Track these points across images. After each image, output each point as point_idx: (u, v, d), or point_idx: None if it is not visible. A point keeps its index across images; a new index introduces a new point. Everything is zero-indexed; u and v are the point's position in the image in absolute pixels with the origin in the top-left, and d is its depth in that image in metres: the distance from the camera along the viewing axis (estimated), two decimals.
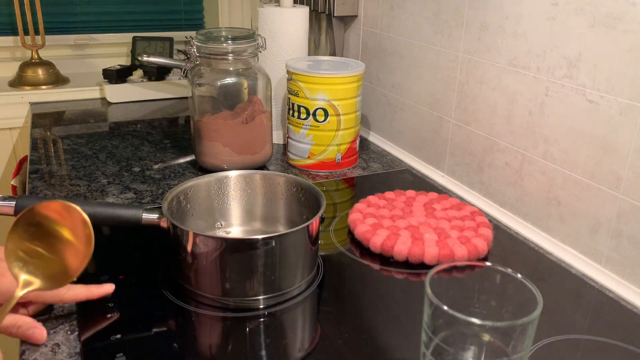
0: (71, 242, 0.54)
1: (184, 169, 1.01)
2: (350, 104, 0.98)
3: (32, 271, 0.53)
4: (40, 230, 0.54)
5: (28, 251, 0.53)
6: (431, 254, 0.70)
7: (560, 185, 0.76)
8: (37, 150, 1.08)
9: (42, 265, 0.53)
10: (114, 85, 1.40)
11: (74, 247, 0.54)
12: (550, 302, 0.64)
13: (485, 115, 0.87)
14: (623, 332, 0.60)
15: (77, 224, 0.54)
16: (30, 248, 0.53)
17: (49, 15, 1.53)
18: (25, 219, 0.53)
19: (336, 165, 1.02)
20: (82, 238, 0.53)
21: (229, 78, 0.93)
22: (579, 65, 0.70)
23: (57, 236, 0.54)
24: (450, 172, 0.98)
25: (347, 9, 1.17)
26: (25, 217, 0.53)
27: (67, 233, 0.54)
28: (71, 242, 0.54)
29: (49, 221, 0.54)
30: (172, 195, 0.68)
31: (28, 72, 1.43)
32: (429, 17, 0.96)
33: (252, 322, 0.60)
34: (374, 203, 0.83)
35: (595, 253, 0.72)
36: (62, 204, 0.54)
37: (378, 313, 0.62)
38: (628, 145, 0.66)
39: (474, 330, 0.45)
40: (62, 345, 0.56)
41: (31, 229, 0.53)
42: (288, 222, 0.75)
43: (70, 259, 0.53)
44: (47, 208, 0.54)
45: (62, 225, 0.54)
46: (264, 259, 0.60)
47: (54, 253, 0.54)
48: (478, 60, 0.87)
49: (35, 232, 0.53)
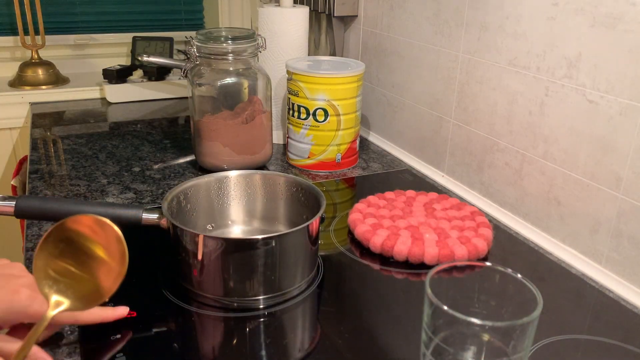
0: (104, 259, 0.51)
1: (184, 169, 1.01)
2: (350, 104, 0.98)
3: (62, 290, 0.50)
4: (70, 247, 0.50)
5: (58, 269, 0.50)
6: (431, 254, 0.70)
7: (560, 185, 0.76)
8: (37, 150, 1.08)
9: (72, 285, 0.50)
10: (114, 85, 1.40)
11: (107, 265, 0.50)
12: (550, 302, 0.64)
13: (485, 115, 0.87)
14: (623, 332, 0.60)
15: (110, 240, 0.51)
16: (60, 266, 0.50)
17: (49, 15, 1.53)
18: (55, 235, 0.50)
19: (336, 165, 1.02)
20: (115, 255, 0.50)
21: (229, 78, 0.93)
22: (579, 65, 0.70)
23: (88, 253, 0.51)
24: (450, 172, 0.98)
25: (347, 9, 1.17)
26: (55, 232, 0.50)
27: (99, 250, 0.51)
28: (104, 259, 0.51)
29: (80, 237, 0.51)
30: (172, 195, 0.68)
31: (28, 72, 1.43)
32: (429, 17, 0.96)
33: (252, 322, 0.60)
34: (374, 203, 0.83)
35: (595, 253, 0.72)
36: (94, 219, 0.51)
37: (378, 313, 0.62)
38: (628, 145, 0.66)
39: (474, 330, 0.45)
40: (62, 346, 0.56)
41: (61, 245, 0.50)
42: (288, 222, 0.75)
43: (102, 278, 0.50)
44: (79, 223, 0.51)
45: (94, 241, 0.51)
46: (264, 259, 0.60)
47: (86, 271, 0.51)
48: (478, 60, 0.87)
49: (66, 248, 0.50)
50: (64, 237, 0.50)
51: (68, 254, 0.51)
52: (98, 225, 0.51)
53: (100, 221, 0.51)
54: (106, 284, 0.50)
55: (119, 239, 0.51)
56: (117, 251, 0.51)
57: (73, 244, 0.51)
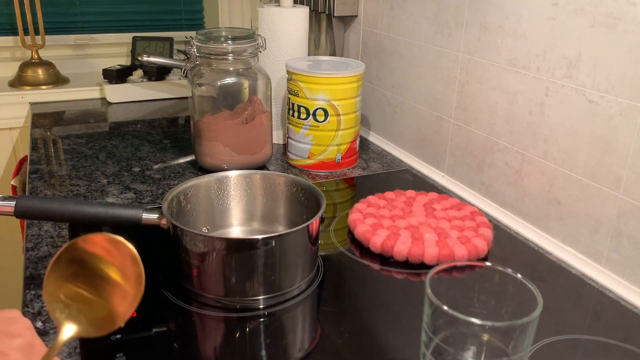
0: (118, 282, 0.47)
1: (184, 169, 1.01)
2: (350, 104, 0.98)
3: (74, 314, 0.46)
4: (83, 269, 0.47)
5: (69, 293, 0.47)
6: (431, 254, 0.70)
7: (560, 185, 0.76)
8: (37, 150, 1.08)
9: (85, 310, 0.47)
10: (114, 85, 1.40)
11: (122, 288, 0.47)
12: (550, 302, 0.64)
13: (485, 115, 0.87)
14: (623, 332, 0.60)
15: (125, 261, 0.47)
16: (72, 290, 0.47)
17: (49, 15, 1.53)
18: (66, 256, 0.47)
19: (336, 165, 1.02)
20: (131, 277, 0.47)
21: (229, 78, 0.93)
22: (579, 65, 0.70)
23: (102, 275, 0.47)
24: (450, 172, 0.98)
25: (347, 9, 1.17)
26: (66, 253, 0.47)
27: (114, 273, 0.47)
28: (118, 282, 0.47)
29: (93, 258, 0.48)
30: (172, 195, 0.68)
31: (28, 72, 1.43)
32: (429, 17, 0.96)
33: (252, 322, 0.60)
34: (374, 203, 0.83)
35: (595, 253, 0.72)
36: (108, 237, 0.47)
37: (378, 313, 0.62)
38: (628, 145, 0.66)
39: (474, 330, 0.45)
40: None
41: (73, 267, 0.47)
42: (288, 222, 0.75)
43: (117, 302, 0.47)
44: (91, 243, 0.47)
45: (109, 262, 0.48)
46: (264, 259, 0.60)
47: (99, 295, 0.47)
48: (478, 60, 0.87)
49: (78, 270, 0.47)
50: (76, 257, 0.47)
51: (80, 276, 0.48)
52: (112, 245, 0.48)
53: (114, 240, 0.48)
54: (121, 309, 0.47)
55: (134, 259, 0.47)
56: (132, 273, 0.47)
57: (85, 265, 0.48)
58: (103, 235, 0.47)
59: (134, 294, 0.47)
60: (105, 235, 0.47)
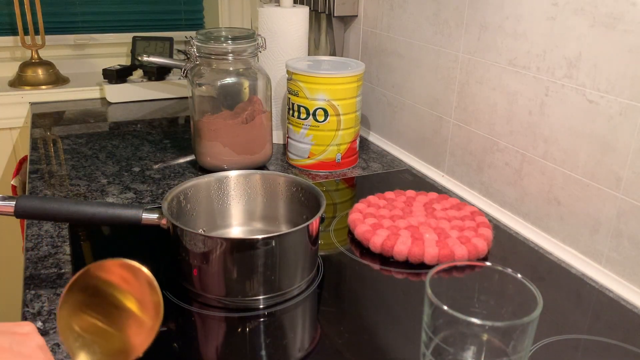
0: (134, 313, 0.45)
1: (184, 169, 1.01)
2: (350, 104, 0.98)
3: (89, 344, 0.44)
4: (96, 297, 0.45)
5: (83, 325, 0.44)
6: (431, 254, 0.70)
7: (560, 185, 0.76)
8: (37, 150, 1.08)
9: (99, 341, 0.44)
10: (114, 85, 1.40)
11: (138, 318, 0.45)
12: (550, 302, 0.64)
13: (485, 115, 0.87)
14: (623, 332, 0.60)
15: (142, 288, 0.45)
16: (86, 321, 0.45)
17: (49, 15, 1.53)
18: (79, 284, 0.45)
19: (336, 165, 1.02)
20: (148, 306, 0.45)
21: (229, 78, 0.93)
22: (579, 65, 0.70)
23: (117, 304, 0.45)
24: (450, 172, 0.98)
25: (347, 9, 1.17)
26: (79, 281, 0.44)
27: (130, 302, 0.45)
28: (134, 313, 0.45)
29: (107, 285, 0.45)
30: (172, 195, 0.68)
31: (28, 72, 1.43)
32: (429, 17, 0.96)
33: (252, 322, 0.60)
34: (374, 203, 0.83)
35: (595, 253, 0.72)
36: (122, 263, 0.45)
37: (378, 313, 0.62)
38: (628, 145, 0.66)
39: (474, 330, 0.45)
40: (62, 345, 0.56)
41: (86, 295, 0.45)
42: (288, 222, 0.75)
43: (133, 332, 0.45)
44: (105, 270, 0.45)
45: (124, 290, 0.45)
46: (264, 259, 0.60)
47: (114, 325, 0.45)
48: (478, 60, 0.87)
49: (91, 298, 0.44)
50: (90, 285, 0.45)
51: (94, 305, 0.45)
52: (128, 271, 0.45)
53: (129, 266, 0.45)
54: (137, 340, 0.44)
55: (152, 286, 0.45)
56: (150, 302, 0.45)
57: (99, 293, 0.45)
58: (118, 260, 0.45)
59: (151, 325, 0.45)
60: (120, 261, 0.45)
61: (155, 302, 0.45)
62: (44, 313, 0.60)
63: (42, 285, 0.66)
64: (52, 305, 0.62)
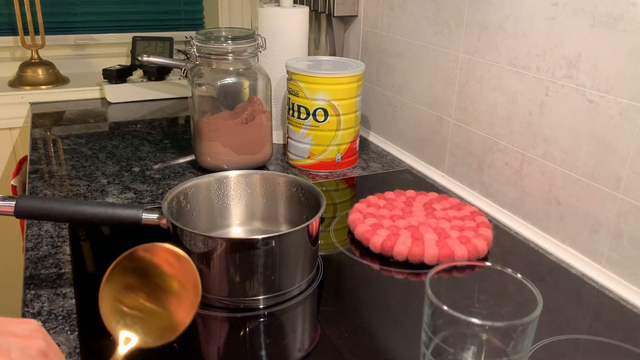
0: (175, 290, 0.47)
1: (184, 169, 1.01)
2: (350, 104, 0.98)
3: (130, 325, 0.46)
4: (137, 277, 0.47)
5: (127, 302, 0.46)
6: (431, 254, 0.70)
7: (560, 185, 0.76)
8: (37, 150, 1.08)
9: (141, 319, 0.46)
10: (114, 85, 1.40)
11: (178, 296, 0.47)
12: (550, 302, 0.64)
13: (485, 115, 0.87)
14: (623, 332, 0.60)
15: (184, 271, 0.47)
16: (130, 298, 0.47)
17: (49, 15, 1.53)
18: (123, 265, 0.46)
19: (336, 165, 1.02)
20: (188, 287, 0.47)
21: (229, 78, 0.93)
22: (579, 65, 0.70)
23: (158, 284, 0.47)
24: (450, 172, 0.98)
25: (347, 9, 1.17)
26: (124, 262, 0.47)
27: (173, 281, 0.48)
28: (175, 290, 0.47)
29: (151, 266, 0.47)
30: (172, 195, 0.68)
31: (28, 72, 1.43)
32: (429, 17, 0.96)
33: (252, 322, 0.60)
34: (374, 203, 0.83)
35: (595, 253, 0.72)
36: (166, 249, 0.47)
37: (378, 313, 0.62)
38: (628, 145, 0.66)
39: (474, 330, 0.45)
40: (62, 345, 0.56)
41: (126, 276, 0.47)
42: (288, 222, 0.75)
43: (174, 309, 0.47)
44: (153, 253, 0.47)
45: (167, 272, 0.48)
46: (264, 259, 0.60)
47: (157, 304, 0.47)
48: (478, 60, 0.87)
49: (131, 279, 0.47)
50: (130, 267, 0.47)
51: (134, 286, 0.47)
52: (172, 256, 0.48)
53: (173, 251, 0.48)
54: (179, 316, 0.47)
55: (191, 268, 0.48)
56: (190, 281, 0.48)
57: (141, 274, 0.47)
58: (163, 245, 0.48)
59: (191, 300, 0.47)
60: (163, 246, 0.48)
61: (194, 281, 0.48)
62: (44, 313, 0.60)
63: (42, 285, 0.66)
64: (52, 305, 0.62)
